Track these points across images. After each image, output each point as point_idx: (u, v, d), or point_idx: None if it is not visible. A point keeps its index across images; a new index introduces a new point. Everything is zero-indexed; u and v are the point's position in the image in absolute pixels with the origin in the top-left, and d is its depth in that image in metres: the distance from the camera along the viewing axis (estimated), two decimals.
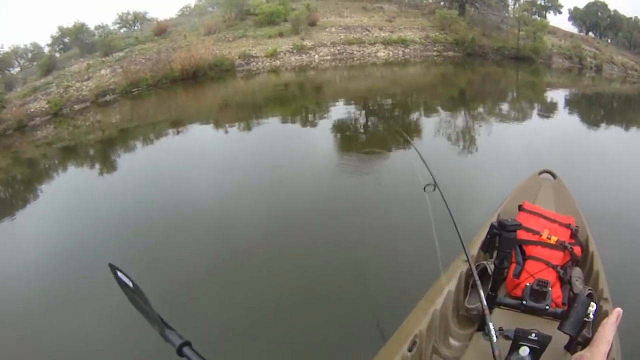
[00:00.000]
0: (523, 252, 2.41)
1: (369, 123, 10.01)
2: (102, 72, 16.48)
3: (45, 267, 4.78)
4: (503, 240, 1.69)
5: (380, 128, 9.50)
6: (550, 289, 2.07)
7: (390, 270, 3.87)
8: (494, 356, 1.42)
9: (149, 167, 8.59)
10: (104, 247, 5.07)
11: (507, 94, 13.40)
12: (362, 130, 9.42)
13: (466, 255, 1.94)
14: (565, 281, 2.29)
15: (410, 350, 1.83)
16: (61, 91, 15.79)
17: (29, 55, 20.05)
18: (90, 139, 12.33)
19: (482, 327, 2.00)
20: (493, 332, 1.49)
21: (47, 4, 46.81)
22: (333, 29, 19.75)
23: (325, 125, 9.71)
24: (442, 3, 23.06)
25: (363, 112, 11.03)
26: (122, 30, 21.94)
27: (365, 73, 16.97)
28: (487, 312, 1.58)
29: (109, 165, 9.50)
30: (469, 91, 13.88)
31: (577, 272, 2.39)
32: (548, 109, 11.37)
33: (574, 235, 2.62)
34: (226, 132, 10.49)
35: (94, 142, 11.88)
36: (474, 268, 1.81)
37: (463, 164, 7.10)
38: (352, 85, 14.75)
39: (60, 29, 19.25)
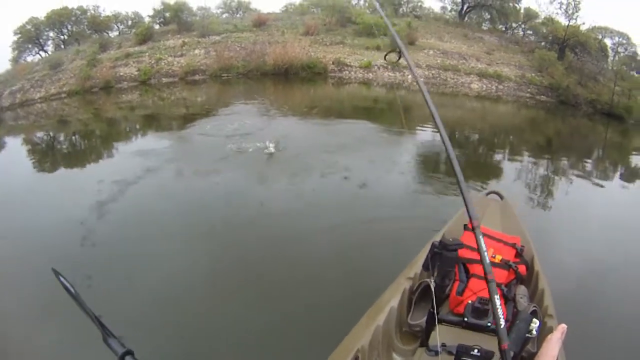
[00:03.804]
0: (467, 271, 2.43)
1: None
2: (196, 51, 16.39)
3: None
4: (444, 259, 1.67)
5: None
6: None
7: (333, 284, 3.93)
8: None
9: (216, 151, 8.06)
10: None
11: (592, 151, 12.06)
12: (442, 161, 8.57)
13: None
14: (509, 299, 2.33)
15: None
16: (153, 62, 15.89)
17: (129, 22, 20.42)
18: (173, 113, 12.14)
19: (425, 343, 1.96)
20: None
21: None
22: (431, 52, 18.92)
23: (406, 147, 9.13)
24: (542, 43, 21.86)
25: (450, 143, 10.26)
26: (223, 16, 22.00)
27: (455, 102, 16.06)
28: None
29: (184, 141, 9.17)
30: (556, 142, 12.70)
31: (522, 290, 2.43)
32: (630, 176, 9.90)
33: (519, 254, 2.65)
34: (309, 130, 9.96)
35: (177, 116, 11.58)
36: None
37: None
38: (440, 113, 13.82)
39: (163, 3, 19.36)
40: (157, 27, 19.25)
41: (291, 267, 4.27)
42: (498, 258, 2.52)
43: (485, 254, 1.34)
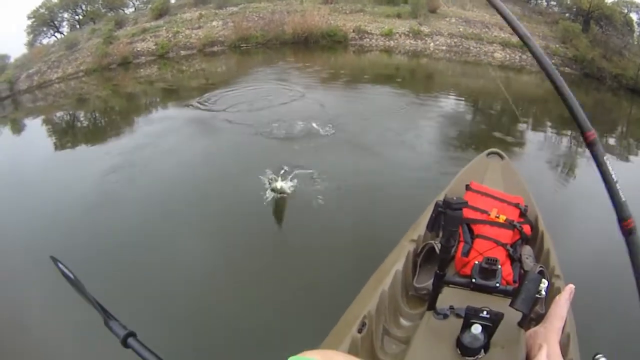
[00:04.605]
0: (471, 231, 2.40)
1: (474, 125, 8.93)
2: (214, 23, 16.11)
3: None
4: (448, 219, 1.54)
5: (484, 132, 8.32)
6: (499, 266, 1.91)
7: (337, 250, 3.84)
8: None
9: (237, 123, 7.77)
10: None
11: (616, 126, 11.53)
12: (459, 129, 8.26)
13: None
14: (515, 259, 2.31)
15: (360, 331, 1.83)
16: (170, 36, 15.69)
17: None
18: (193, 85, 11.86)
19: (433, 306, 1.83)
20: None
21: None
22: (453, 20, 18.35)
23: (429, 115, 8.71)
24: (567, 14, 21.09)
25: (471, 111, 10.06)
26: None
27: (478, 71, 15.62)
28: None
29: (202, 114, 8.77)
30: None
31: (527, 250, 2.41)
32: None
33: (523, 214, 2.61)
34: (328, 99, 9.37)
35: (197, 87, 11.27)
36: None
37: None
38: (463, 82, 13.55)
39: None
40: (173, 1, 18.97)
41: (293, 237, 4.19)
42: (502, 218, 2.47)
43: None
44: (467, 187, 2.80)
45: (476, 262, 1.96)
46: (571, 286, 1.20)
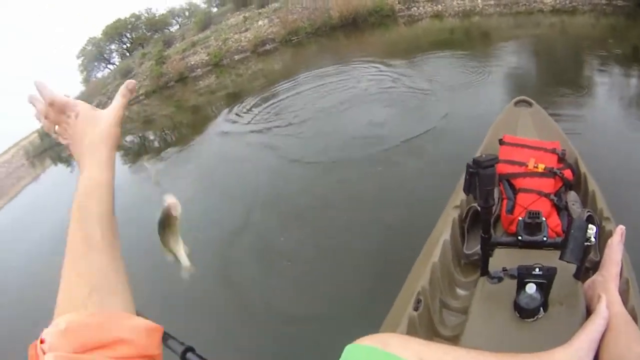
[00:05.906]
0: (512, 186, 2.27)
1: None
2: (260, 23, 16.12)
3: None
4: (482, 178, 1.42)
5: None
6: (544, 219, 1.74)
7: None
8: None
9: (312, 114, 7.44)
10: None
11: None
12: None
13: None
14: (561, 208, 2.15)
15: (416, 309, 1.75)
16: (220, 44, 15.81)
17: (186, 13, 20.55)
18: (254, 86, 11.73)
19: (485, 271, 1.69)
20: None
21: None
22: None
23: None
24: None
25: (534, 61, 9.26)
26: None
27: (532, 20, 14.64)
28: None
29: (273, 108, 8.47)
30: None
31: (572, 197, 2.25)
32: None
33: (561, 159, 2.40)
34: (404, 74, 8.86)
35: (259, 87, 11.10)
36: None
37: None
38: (520, 33, 12.70)
39: None
40: (214, 10, 19.15)
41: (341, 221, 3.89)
42: (541, 167, 2.32)
43: None
44: (501, 142, 2.61)
45: (520, 218, 1.84)
46: (621, 227, 1.15)
